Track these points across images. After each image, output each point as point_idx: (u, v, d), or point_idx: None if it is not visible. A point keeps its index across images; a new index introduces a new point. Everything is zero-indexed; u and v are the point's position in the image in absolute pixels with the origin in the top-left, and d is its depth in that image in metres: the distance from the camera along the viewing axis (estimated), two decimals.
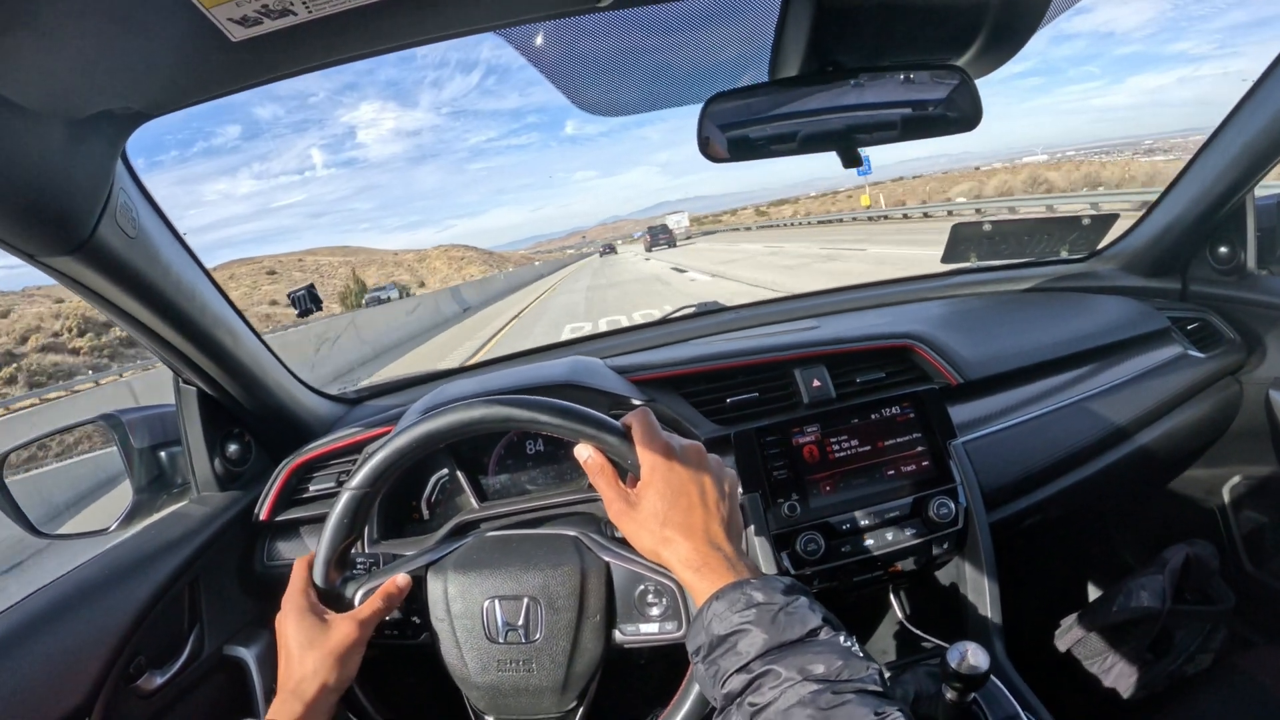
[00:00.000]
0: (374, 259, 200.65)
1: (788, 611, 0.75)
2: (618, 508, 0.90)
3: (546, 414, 0.96)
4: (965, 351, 1.57)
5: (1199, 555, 1.73)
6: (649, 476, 0.90)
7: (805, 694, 0.66)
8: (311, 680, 0.91)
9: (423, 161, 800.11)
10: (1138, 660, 1.65)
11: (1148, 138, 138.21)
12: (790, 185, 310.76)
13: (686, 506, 0.87)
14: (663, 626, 1.01)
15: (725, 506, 0.90)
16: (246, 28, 0.70)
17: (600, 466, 0.94)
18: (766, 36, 1.08)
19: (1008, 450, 1.50)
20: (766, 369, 1.51)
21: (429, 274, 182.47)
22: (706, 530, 0.87)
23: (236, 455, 1.46)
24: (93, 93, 0.79)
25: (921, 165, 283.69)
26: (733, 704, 0.72)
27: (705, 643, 0.77)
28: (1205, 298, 1.89)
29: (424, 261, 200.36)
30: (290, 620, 0.96)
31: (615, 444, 0.94)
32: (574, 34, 1.01)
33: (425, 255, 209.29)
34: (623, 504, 0.90)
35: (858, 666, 0.69)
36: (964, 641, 0.97)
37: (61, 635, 1.07)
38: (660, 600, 1.02)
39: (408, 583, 1.02)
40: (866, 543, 1.30)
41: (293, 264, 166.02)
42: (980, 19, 1.07)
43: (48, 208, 0.87)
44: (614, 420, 0.97)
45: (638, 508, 0.89)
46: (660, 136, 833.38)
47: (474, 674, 1.00)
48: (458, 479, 1.39)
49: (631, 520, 0.89)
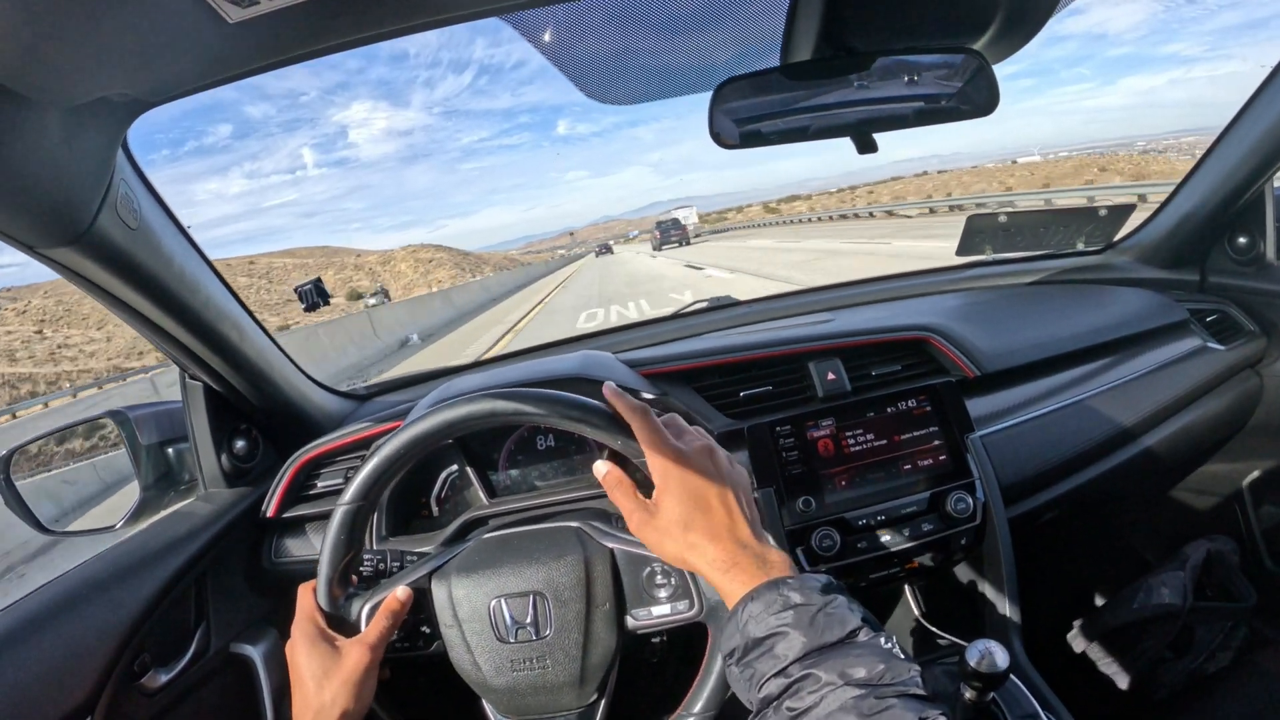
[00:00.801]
0: (333, 261, 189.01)
1: (826, 612, 0.73)
2: (639, 519, 0.89)
3: (532, 404, 0.95)
4: (982, 344, 1.55)
5: (1220, 551, 1.70)
6: (663, 483, 0.88)
7: (847, 699, 0.64)
8: (330, 709, 0.91)
9: (414, 161, 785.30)
10: (1158, 658, 1.62)
11: (1141, 139, 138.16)
12: (783, 185, 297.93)
13: (706, 508, 0.86)
14: (674, 606, 1.00)
15: (744, 502, 0.89)
16: (243, 8, 0.68)
17: (618, 480, 0.92)
18: (778, 21, 1.06)
19: (1026, 444, 1.47)
20: (780, 362, 1.49)
21: (392, 279, 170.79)
22: (731, 530, 0.85)
23: (244, 451, 1.45)
24: (89, 78, 0.78)
25: (915, 166, 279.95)
26: (769, 707, 0.70)
27: (740, 645, 0.74)
28: (1224, 289, 1.86)
29: (388, 265, 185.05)
30: (301, 650, 0.96)
31: (604, 427, 0.94)
32: (581, 19, 0.99)
33: (390, 257, 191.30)
34: (643, 514, 0.89)
35: (900, 669, 0.67)
36: (983, 640, 0.96)
37: (66, 632, 1.06)
38: (669, 580, 1.00)
39: (409, 595, 1.01)
40: (883, 538, 1.27)
41: (241, 268, 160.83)
42: (996, 1, 1.04)
43: (46, 198, 0.86)
44: (599, 404, 0.96)
45: (658, 516, 0.87)
46: (653, 136, 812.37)
47: (489, 677, 0.99)
48: (467, 475, 1.37)
49: (654, 530, 0.87)
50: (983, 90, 1.10)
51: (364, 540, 1.02)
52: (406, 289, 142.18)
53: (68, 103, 0.80)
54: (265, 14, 0.70)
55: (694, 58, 1.17)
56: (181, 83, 0.86)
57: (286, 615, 1.45)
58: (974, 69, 1.10)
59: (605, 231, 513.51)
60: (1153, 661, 1.62)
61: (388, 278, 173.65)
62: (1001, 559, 1.31)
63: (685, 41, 1.14)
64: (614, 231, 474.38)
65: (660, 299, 18.75)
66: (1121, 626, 1.66)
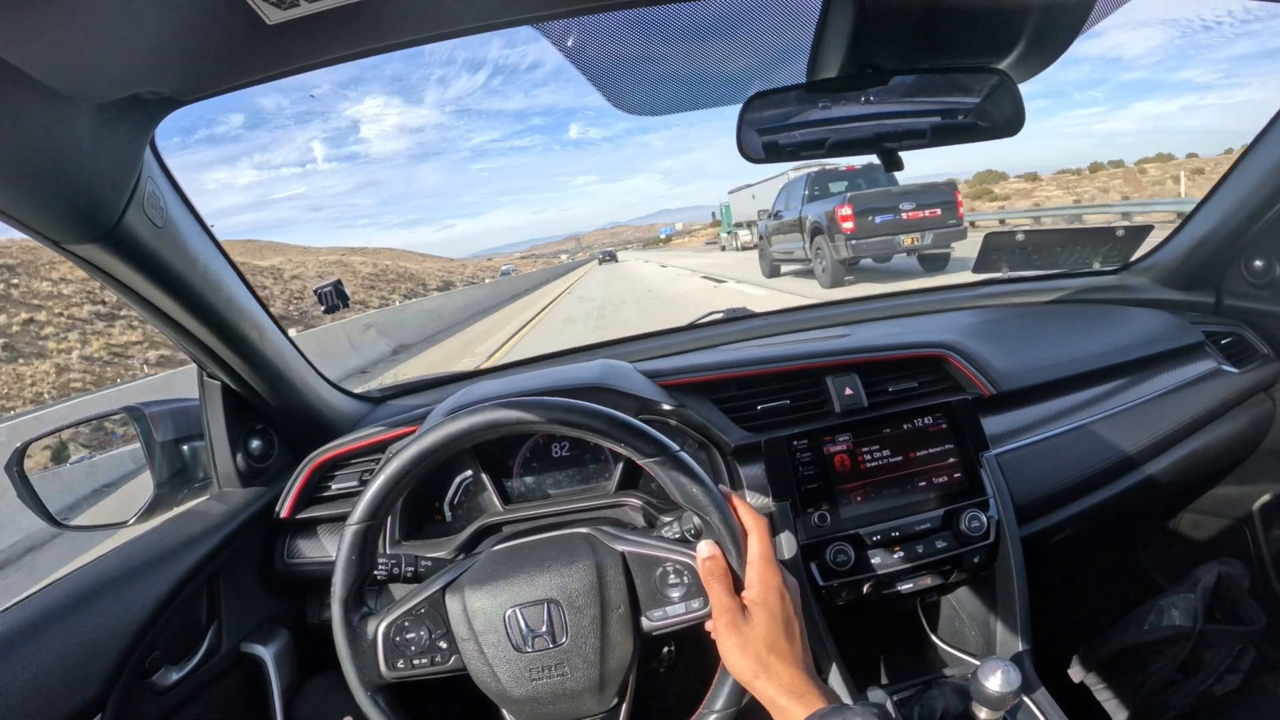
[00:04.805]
0: (259, 270, 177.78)
1: None
2: (728, 620, 0.91)
3: (538, 412, 0.99)
4: (999, 362, 1.54)
5: (1231, 574, 1.70)
6: (763, 597, 0.92)
7: None
8: None
9: (424, 159, 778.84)
10: (1168, 680, 1.62)
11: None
12: None
13: (791, 636, 0.91)
14: (688, 605, 1.00)
15: (806, 639, 0.94)
16: (283, 10, 0.68)
17: (722, 571, 0.95)
18: (806, 37, 1.07)
19: (1040, 463, 1.47)
20: (798, 376, 1.49)
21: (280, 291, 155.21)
22: (804, 659, 0.90)
23: (259, 451, 1.45)
24: (121, 75, 0.78)
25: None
26: None
27: None
28: (1239, 312, 1.86)
29: (297, 274, 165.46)
30: None
31: (611, 434, 0.99)
32: (612, 29, 0.99)
33: (346, 260, 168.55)
34: (734, 616, 0.91)
35: None
36: (995, 659, 0.96)
37: (78, 628, 1.06)
38: (681, 578, 1.00)
39: None
40: (896, 554, 1.28)
41: None
42: (1023, 21, 1.04)
43: (74, 194, 0.87)
44: (609, 411, 1.00)
45: (749, 626, 0.90)
46: (664, 144, 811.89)
47: (509, 688, 0.98)
48: (482, 480, 1.37)
49: (739, 635, 0.90)
50: (1007, 110, 1.11)
51: (375, 558, 1.02)
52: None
53: (100, 99, 0.81)
54: (303, 16, 0.71)
55: (720, 71, 1.17)
56: (215, 82, 0.86)
57: (298, 616, 1.45)
58: (999, 88, 1.10)
59: (612, 236, 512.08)
60: (1162, 683, 1.62)
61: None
62: (1014, 578, 1.31)
63: (712, 55, 1.14)
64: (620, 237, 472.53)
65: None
66: (1132, 647, 1.65)
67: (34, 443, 1.35)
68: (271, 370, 1.36)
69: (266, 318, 1.35)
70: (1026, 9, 1.02)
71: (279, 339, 1.38)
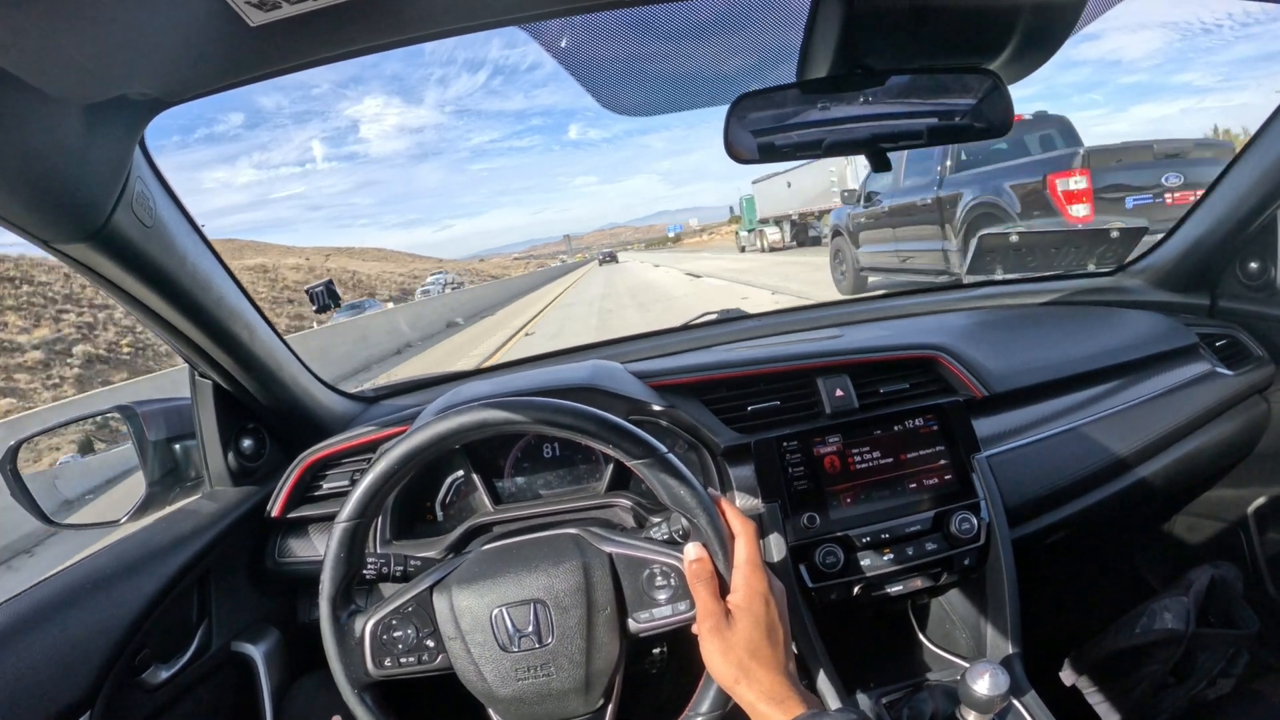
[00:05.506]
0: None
1: None
2: (712, 623, 0.91)
3: (524, 413, 0.99)
4: (991, 364, 1.54)
5: (1224, 577, 1.70)
6: (748, 602, 0.92)
7: None
8: None
9: (424, 159, 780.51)
10: (1160, 683, 1.61)
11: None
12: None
13: (774, 643, 0.91)
14: (675, 607, 1.00)
15: (790, 643, 0.95)
16: (265, 11, 0.68)
17: (708, 575, 0.95)
18: (795, 37, 1.07)
19: (1031, 465, 1.47)
20: (789, 377, 1.49)
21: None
22: (786, 665, 0.90)
23: (251, 450, 1.45)
24: (109, 77, 0.78)
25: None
26: None
27: None
28: (1234, 314, 1.86)
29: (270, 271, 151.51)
30: None
31: (599, 434, 0.99)
32: (601, 30, 0.99)
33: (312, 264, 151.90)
34: (718, 620, 0.91)
35: None
36: (984, 661, 0.96)
37: (67, 625, 1.06)
38: (668, 580, 1.01)
39: None
40: (886, 556, 1.28)
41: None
42: (1014, 22, 1.04)
43: (63, 194, 0.87)
44: (596, 411, 0.99)
45: (733, 630, 0.91)
46: (664, 145, 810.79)
47: (495, 687, 0.98)
48: (473, 480, 1.37)
49: (721, 640, 0.90)
50: (998, 110, 1.11)
51: (364, 556, 1.02)
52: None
53: (87, 100, 0.81)
54: (286, 18, 0.71)
55: (710, 71, 1.17)
56: (201, 83, 0.86)
57: (288, 615, 1.45)
58: (989, 89, 1.10)
59: (611, 237, 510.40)
60: (1154, 687, 1.61)
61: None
62: (1005, 580, 1.31)
63: (702, 55, 1.14)
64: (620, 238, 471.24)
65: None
66: (1124, 651, 1.65)
67: (25, 441, 1.35)
68: (263, 369, 1.37)
69: (258, 317, 1.35)
70: (1016, 10, 1.02)
71: (270, 338, 1.38)
